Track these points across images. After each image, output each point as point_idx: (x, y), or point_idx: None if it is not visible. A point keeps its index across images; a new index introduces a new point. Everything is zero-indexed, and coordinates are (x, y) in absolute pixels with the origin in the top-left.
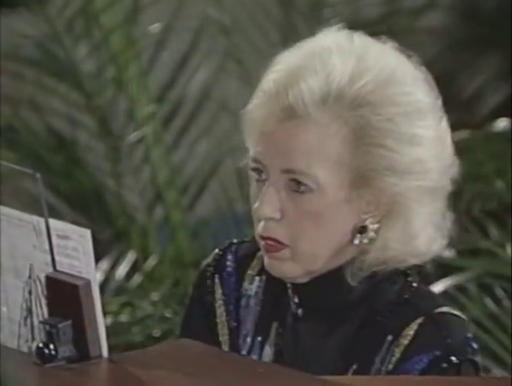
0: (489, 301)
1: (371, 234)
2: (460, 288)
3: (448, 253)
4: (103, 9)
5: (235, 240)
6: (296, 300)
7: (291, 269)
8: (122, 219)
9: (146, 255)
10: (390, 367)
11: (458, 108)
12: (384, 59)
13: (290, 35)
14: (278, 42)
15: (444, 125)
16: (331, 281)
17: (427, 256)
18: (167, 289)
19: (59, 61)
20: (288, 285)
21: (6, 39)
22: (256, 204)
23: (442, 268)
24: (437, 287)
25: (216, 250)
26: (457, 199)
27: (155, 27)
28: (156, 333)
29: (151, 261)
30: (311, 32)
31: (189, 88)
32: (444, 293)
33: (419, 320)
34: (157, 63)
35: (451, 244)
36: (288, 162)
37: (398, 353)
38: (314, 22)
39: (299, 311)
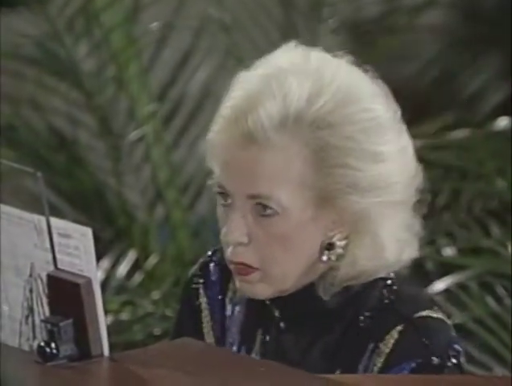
0: (490, 300)
1: (339, 250)
2: (461, 286)
3: (450, 252)
4: (103, 8)
5: (218, 247)
6: (277, 314)
7: (262, 291)
8: (123, 217)
9: (146, 254)
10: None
11: (459, 107)
12: (341, 76)
13: (290, 34)
14: (279, 40)
15: (405, 137)
16: (304, 296)
17: (397, 266)
18: (167, 288)
19: (60, 60)
20: (267, 302)
21: (6, 38)
22: (224, 230)
23: (443, 267)
24: (438, 285)
25: (201, 259)
26: (458, 197)
27: (156, 26)
28: (157, 331)
29: (152, 260)
30: (311, 31)
31: (190, 87)
32: (446, 291)
33: (400, 327)
34: (157, 62)
35: (452, 243)
36: (251, 187)
37: (379, 362)
38: (314, 21)
39: (282, 324)
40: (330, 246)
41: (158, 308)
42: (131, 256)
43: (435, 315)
